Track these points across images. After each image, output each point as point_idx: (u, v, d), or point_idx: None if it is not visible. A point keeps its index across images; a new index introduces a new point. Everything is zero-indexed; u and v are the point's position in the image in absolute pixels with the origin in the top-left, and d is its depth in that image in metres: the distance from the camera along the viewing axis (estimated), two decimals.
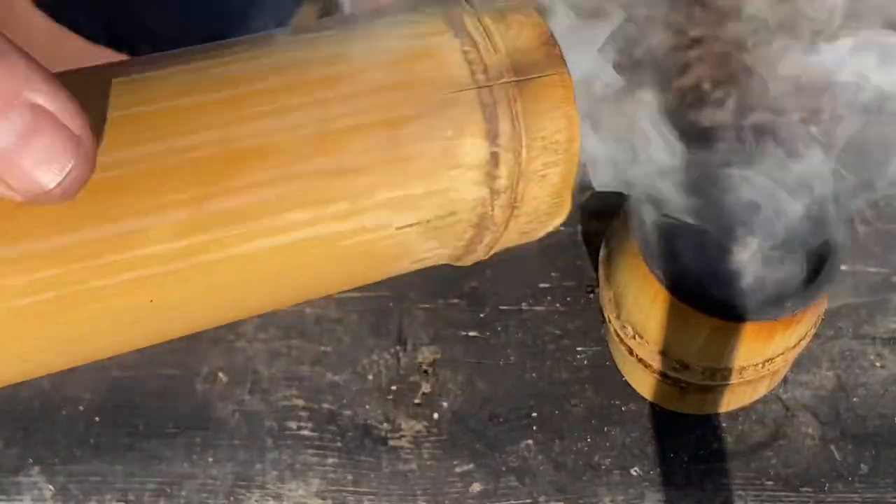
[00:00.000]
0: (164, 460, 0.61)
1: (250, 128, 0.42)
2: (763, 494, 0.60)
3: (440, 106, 0.45)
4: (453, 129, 0.45)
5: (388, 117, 0.44)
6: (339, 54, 0.45)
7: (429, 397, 0.62)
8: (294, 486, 0.60)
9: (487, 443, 0.61)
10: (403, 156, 0.45)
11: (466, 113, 0.45)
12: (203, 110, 0.42)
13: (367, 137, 0.44)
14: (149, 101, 0.42)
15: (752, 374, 0.57)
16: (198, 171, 0.42)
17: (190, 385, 0.63)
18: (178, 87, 0.43)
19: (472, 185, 0.46)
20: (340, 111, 0.44)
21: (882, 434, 0.61)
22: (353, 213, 0.45)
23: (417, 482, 0.60)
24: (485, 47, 0.45)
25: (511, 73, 0.45)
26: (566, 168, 0.47)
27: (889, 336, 0.64)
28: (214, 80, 0.43)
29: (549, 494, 0.60)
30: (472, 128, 0.45)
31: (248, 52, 0.45)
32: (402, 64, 0.45)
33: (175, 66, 0.44)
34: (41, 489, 0.60)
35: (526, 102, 0.46)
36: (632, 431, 0.61)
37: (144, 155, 0.41)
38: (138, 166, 0.41)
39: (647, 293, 0.55)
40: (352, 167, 0.44)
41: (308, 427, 0.62)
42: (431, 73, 0.45)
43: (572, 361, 0.63)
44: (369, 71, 0.45)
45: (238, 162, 0.42)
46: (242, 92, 0.43)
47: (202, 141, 0.42)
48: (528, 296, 0.65)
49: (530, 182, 0.47)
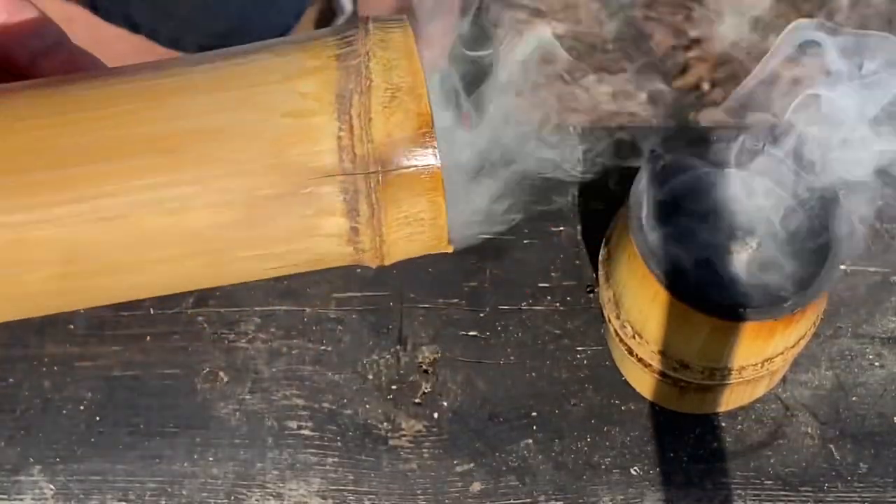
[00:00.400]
0: (165, 459, 0.61)
1: (118, 200, 0.45)
2: (762, 493, 0.60)
3: (303, 189, 0.46)
4: (313, 209, 0.46)
5: (248, 198, 0.46)
6: (215, 129, 0.45)
7: (429, 397, 0.62)
8: (294, 486, 0.60)
9: (487, 442, 0.61)
10: (260, 230, 0.47)
11: (328, 196, 0.46)
12: (76, 181, 0.45)
13: (225, 214, 0.46)
14: (22, 171, 0.45)
15: (752, 374, 0.57)
16: (67, 243, 0.46)
17: (191, 384, 0.63)
18: (51, 158, 0.45)
19: (334, 246, 0.48)
20: (202, 191, 0.46)
21: (881, 433, 0.61)
22: (215, 264, 0.48)
23: (417, 481, 0.60)
24: (360, 135, 0.46)
25: (378, 164, 0.46)
26: (433, 234, 0.48)
27: (888, 336, 0.64)
28: (89, 148, 0.45)
29: (549, 494, 0.60)
30: (331, 208, 0.46)
31: (130, 113, 0.46)
32: (278, 144, 0.46)
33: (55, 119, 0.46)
34: (42, 488, 0.60)
35: (387, 190, 0.46)
36: (631, 431, 0.61)
37: (16, 221, 0.45)
38: (6, 231, 0.45)
39: (646, 293, 0.55)
40: (211, 238, 0.46)
41: (308, 426, 0.62)
42: (303, 157, 0.46)
43: (572, 361, 0.63)
44: (241, 152, 0.45)
45: (105, 231, 0.45)
46: (114, 168, 0.45)
47: (70, 212, 0.45)
48: (528, 296, 0.65)
49: (395, 244, 0.48)
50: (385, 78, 0.46)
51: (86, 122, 0.45)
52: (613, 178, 0.68)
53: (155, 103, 0.46)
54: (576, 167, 0.62)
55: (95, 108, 0.46)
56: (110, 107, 0.46)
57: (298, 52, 0.47)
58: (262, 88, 0.46)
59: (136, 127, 0.45)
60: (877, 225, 0.67)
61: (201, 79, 0.46)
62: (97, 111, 0.46)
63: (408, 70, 0.46)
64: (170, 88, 0.46)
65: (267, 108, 0.46)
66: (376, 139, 0.46)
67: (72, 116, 0.46)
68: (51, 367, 0.63)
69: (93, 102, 0.46)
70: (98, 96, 0.46)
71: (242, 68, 0.47)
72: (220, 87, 0.46)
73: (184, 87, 0.46)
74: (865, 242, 0.66)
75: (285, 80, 0.46)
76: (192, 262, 0.48)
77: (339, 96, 0.45)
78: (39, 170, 0.45)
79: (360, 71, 0.46)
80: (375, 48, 0.46)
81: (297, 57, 0.46)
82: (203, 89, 0.46)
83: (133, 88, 0.46)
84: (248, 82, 0.46)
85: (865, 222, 0.67)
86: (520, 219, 0.65)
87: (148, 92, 0.46)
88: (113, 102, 0.46)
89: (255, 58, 0.47)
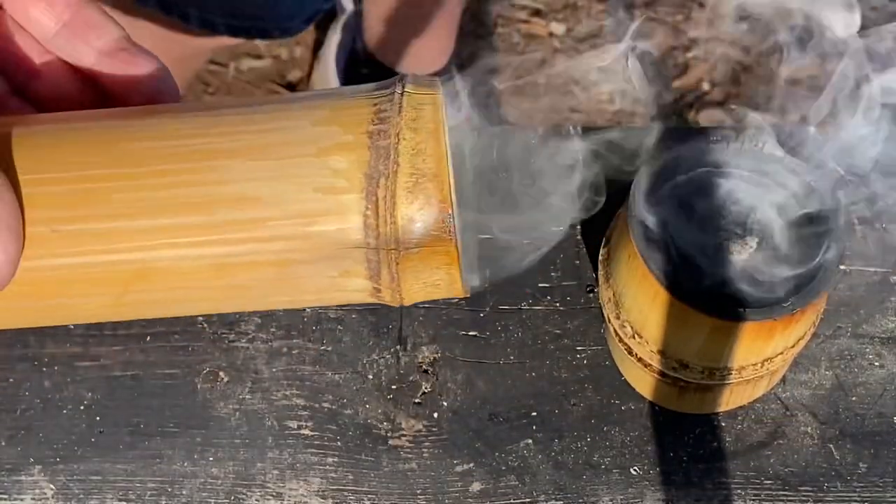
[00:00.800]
0: (165, 459, 0.61)
1: (163, 253, 0.51)
2: (762, 494, 0.60)
3: (329, 256, 0.51)
4: (338, 271, 0.52)
5: (280, 259, 0.51)
6: (253, 198, 0.51)
7: (429, 397, 0.62)
8: (295, 486, 0.60)
9: (487, 442, 0.61)
10: (292, 284, 0.53)
11: (352, 263, 0.52)
12: (128, 234, 0.51)
13: (259, 271, 0.52)
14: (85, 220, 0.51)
15: (751, 374, 0.57)
16: (115, 277, 0.52)
17: (191, 384, 0.63)
18: (107, 209, 0.51)
19: (359, 297, 0.54)
20: (240, 251, 0.51)
21: (881, 433, 0.61)
22: (250, 303, 0.57)
23: (417, 481, 0.60)
24: (384, 217, 0.50)
25: (398, 244, 0.51)
26: (450, 292, 0.53)
27: (888, 335, 0.64)
28: (144, 207, 0.51)
29: (549, 494, 0.60)
30: (355, 272, 0.52)
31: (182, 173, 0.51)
32: (309, 216, 0.51)
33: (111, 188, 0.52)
34: (42, 488, 0.60)
35: (407, 265, 0.52)
36: (631, 431, 0.62)
37: (72, 263, 0.51)
38: (62, 271, 0.51)
39: (646, 293, 0.55)
40: (244, 286, 0.53)
41: (308, 426, 0.62)
42: (330, 230, 0.51)
43: (572, 361, 0.63)
44: (275, 220, 0.51)
45: (149, 275, 0.52)
46: (165, 223, 0.51)
47: (123, 258, 0.51)
48: (528, 295, 0.65)
49: (415, 297, 0.54)
50: (411, 163, 0.50)
51: (143, 177, 0.51)
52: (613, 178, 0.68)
53: (204, 165, 0.51)
54: None
55: (151, 165, 0.51)
56: (164, 164, 0.51)
57: (334, 125, 0.51)
58: (298, 161, 0.51)
59: (186, 188, 0.51)
60: (876, 225, 0.67)
61: (245, 145, 0.51)
62: (153, 167, 0.51)
63: (433, 155, 0.51)
64: (217, 151, 0.51)
65: (301, 182, 0.51)
66: (399, 221, 0.50)
67: (128, 171, 0.51)
68: (51, 367, 0.63)
69: (149, 159, 0.51)
70: (154, 155, 0.52)
71: (282, 135, 0.52)
72: (261, 155, 0.51)
73: (230, 150, 0.51)
74: (865, 242, 0.66)
75: (320, 153, 0.51)
76: (230, 300, 0.54)
77: (369, 176, 0.50)
78: (99, 218, 0.51)
79: (390, 154, 0.50)
80: (406, 130, 0.51)
81: (332, 130, 0.51)
82: (246, 156, 0.51)
83: (186, 149, 0.52)
84: (286, 153, 0.51)
85: (865, 222, 0.67)
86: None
87: (197, 154, 0.51)
88: (166, 160, 0.51)
89: (293, 124, 0.52)
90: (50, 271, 0.52)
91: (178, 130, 0.53)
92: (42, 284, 0.53)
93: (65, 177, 0.52)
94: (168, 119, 0.54)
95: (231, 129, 0.53)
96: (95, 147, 0.52)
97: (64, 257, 0.52)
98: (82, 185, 0.52)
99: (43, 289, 0.53)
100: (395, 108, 0.51)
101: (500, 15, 1.68)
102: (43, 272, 0.52)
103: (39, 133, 0.53)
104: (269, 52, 1.65)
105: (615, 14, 1.64)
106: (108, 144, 0.52)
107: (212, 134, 0.52)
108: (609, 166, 0.59)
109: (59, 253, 0.52)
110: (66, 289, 0.53)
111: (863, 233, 0.66)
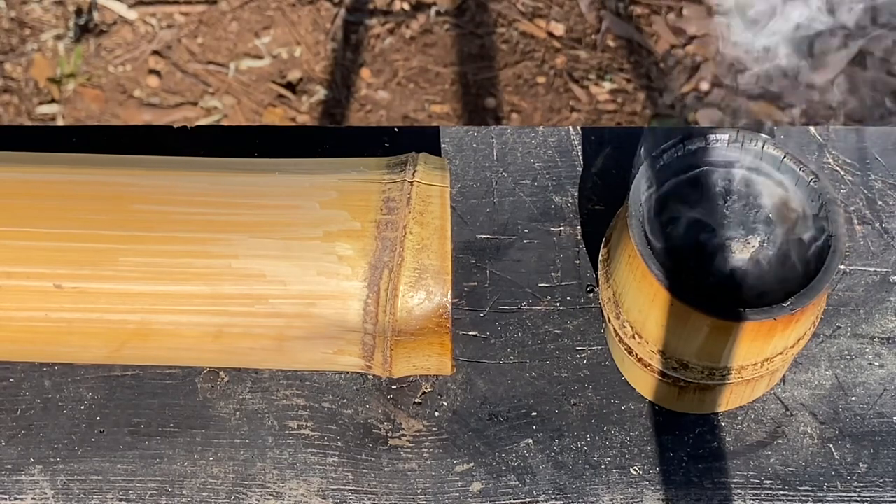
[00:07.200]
0: (165, 459, 0.61)
1: (163, 317, 0.53)
2: (762, 493, 0.60)
3: (327, 336, 0.53)
4: (334, 349, 0.54)
5: (278, 334, 0.53)
6: (258, 274, 0.53)
7: (429, 397, 0.62)
8: (295, 485, 0.60)
9: (487, 442, 0.61)
10: (287, 356, 0.55)
11: (347, 344, 0.54)
12: (130, 297, 0.54)
13: (256, 341, 0.54)
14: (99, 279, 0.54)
15: (751, 374, 0.57)
16: (113, 334, 0.55)
17: (191, 384, 0.63)
18: (112, 271, 0.54)
19: (349, 368, 0.56)
20: (239, 322, 0.53)
21: (880, 433, 0.61)
22: (246, 364, 0.60)
23: (417, 481, 0.60)
24: (384, 306, 0.52)
25: (395, 333, 0.53)
26: (438, 371, 0.57)
27: (887, 336, 0.64)
28: (148, 272, 0.54)
29: (549, 493, 0.60)
30: (349, 351, 0.54)
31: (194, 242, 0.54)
32: (310, 299, 0.52)
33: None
34: (43, 488, 0.60)
35: (400, 351, 0.54)
36: (631, 430, 0.62)
37: (72, 318, 0.54)
38: (61, 325, 0.54)
39: (646, 293, 0.55)
40: (239, 352, 0.55)
41: (309, 426, 0.62)
42: (330, 313, 0.53)
43: (572, 361, 0.63)
44: (277, 298, 0.53)
45: (148, 335, 0.54)
46: (168, 290, 0.53)
47: (123, 318, 0.54)
48: (528, 295, 0.65)
49: (404, 372, 0.56)
50: (416, 258, 0.52)
51: (150, 241, 0.53)
52: (613, 178, 0.69)
53: (211, 237, 0.53)
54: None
55: (158, 231, 0.53)
56: (172, 231, 0.54)
57: (342, 209, 0.53)
58: (305, 243, 0.52)
59: (191, 258, 0.53)
60: (877, 225, 0.67)
61: (253, 220, 0.53)
62: (160, 233, 0.53)
63: (437, 253, 0.52)
64: (225, 224, 0.53)
65: (306, 264, 0.52)
66: (398, 313, 0.52)
67: (136, 234, 0.54)
68: (51, 367, 0.63)
69: (157, 224, 0.54)
70: (163, 220, 0.54)
71: (290, 215, 0.53)
72: (268, 232, 0.53)
73: (238, 223, 0.53)
74: (865, 242, 0.66)
75: (327, 237, 0.52)
76: (224, 362, 0.58)
77: (373, 266, 0.52)
78: (103, 279, 0.53)
79: (395, 247, 0.52)
80: (413, 224, 0.52)
81: (341, 215, 0.53)
82: (253, 231, 0.53)
83: (194, 218, 0.54)
84: (293, 233, 0.53)
85: (865, 222, 0.67)
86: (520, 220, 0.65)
87: (206, 225, 0.53)
88: (174, 227, 0.54)
89: (302, 203, 0.54)
90: (50, 323, 0.54)
91: (189, 196, 0.54)
92: (41, 334, 0.55)
93: (74, 234, 0.53)
94: (179, 180, 0.55)
95: (241, 200, 0.54)
96: (106, 204, 0.54)
97: (65, 312, 0.53)
98: (90, 244, 0.53)
99: (42, 338, 0.55)
100: (404, 199, 0.52)
101: (501, 14, 1.68)
102: (43, 323, 0.54)
103: (53, 183, 0.55)
104: (269, 52, 1.65)
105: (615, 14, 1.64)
106: (119, 202, 0.54)
107: (221, 204, 0.54)
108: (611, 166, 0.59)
109: (60, 308, 0.53)
110: (64, 339, 0.54)
111: (863, 233, 0.66)
